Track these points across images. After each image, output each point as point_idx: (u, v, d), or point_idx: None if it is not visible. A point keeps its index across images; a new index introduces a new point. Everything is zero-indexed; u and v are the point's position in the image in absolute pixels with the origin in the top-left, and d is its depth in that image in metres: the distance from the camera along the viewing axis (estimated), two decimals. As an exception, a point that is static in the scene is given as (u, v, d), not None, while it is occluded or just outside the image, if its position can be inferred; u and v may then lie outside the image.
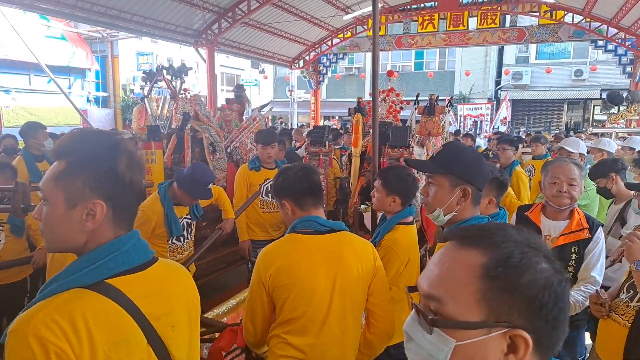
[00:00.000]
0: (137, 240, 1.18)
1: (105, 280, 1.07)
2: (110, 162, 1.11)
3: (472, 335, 0.72)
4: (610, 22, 13.04)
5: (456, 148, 1.90)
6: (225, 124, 6.19)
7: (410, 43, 16.08)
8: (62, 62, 15.52)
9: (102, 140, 1.14)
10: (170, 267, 1.29)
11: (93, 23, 11.58)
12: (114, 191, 1.12)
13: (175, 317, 1.21)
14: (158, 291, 1.17)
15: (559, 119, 23.37)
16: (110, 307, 1.05)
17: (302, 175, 1.94)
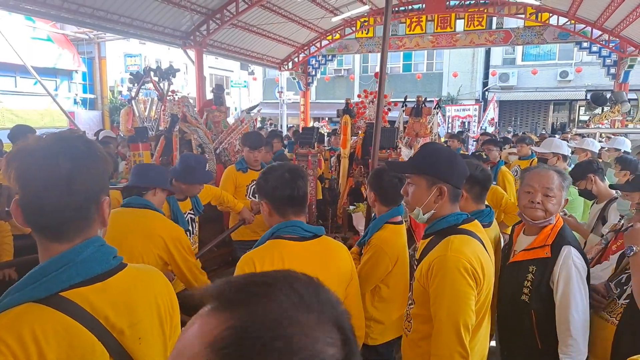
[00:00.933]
0: (98, 248, 1.10)
1: (59, 293, 1.01)
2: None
3: None
4: (595, 24, 13.24)
5: (431, 149, 1.95)
6: (214, 126, 6.19)
7: (399, 45, 16.17)
8: (48, 64, 15.36)
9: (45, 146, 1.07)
10: (139, 273, 1.21)
11: (80, 24, 11.48)
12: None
13: (142, 329, 1.14)
14: (121, 302, 1.11)
15: (545, 120, 23.65)
16: (63, 321, 0.99)
17: (285, 180, 1.82)
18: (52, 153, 1.04)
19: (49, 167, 1.03)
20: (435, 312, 1.74)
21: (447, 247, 1.75)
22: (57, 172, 1.03)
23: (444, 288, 1.71)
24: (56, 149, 1.05)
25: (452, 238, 1.78)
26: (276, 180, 1.82)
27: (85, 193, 1.08)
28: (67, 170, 1.04)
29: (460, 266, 1.69)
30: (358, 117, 4.95)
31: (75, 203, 1.07)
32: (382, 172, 2.55)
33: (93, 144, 1.13)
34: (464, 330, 1.68)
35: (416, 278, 1.89)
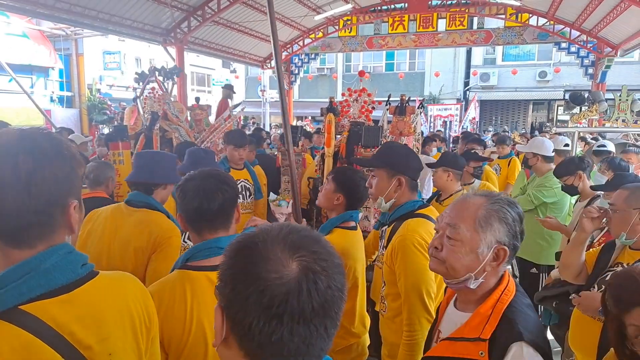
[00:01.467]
0: (63, 256, 1.01)
1: (18, 307, 0.93)
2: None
3: None
4: (573, 25, 13.46)
5: (391, 145, 2.34)
6: (196, 124, 6.10)
7: (381, 44, 16.21)
8: (23, 61, 14.95)
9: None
10: (111, 282, 1.12)
11: (56, 20, 11.20)
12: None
13: (113, 344, 1.06)
14: (89, 315, 1.02)
15: (525, 119, 24.03)
16: (22, 337, 0.91)
17: (197, 190, 1.55)
18: (10, 151, 0.95)
19: (7, 166, 0.94)
20: (401, 286, 1.99)
21: (405, 229, 2.04)
22: (15, 172, 0.94)
23: (405, 264, 1.97)
24: (16, 146, 0.96)
25: (409, 221, 2.06)
26: (188, 189, 1.57)
27: (47, 196, 0.97)
28: (27, 170, 0.95)
29: (415, 242, 1.96)
30: (342, 116, 4.92)
31: (35, 206, 0.96)
32: (353, 172, 2.50)
33: (60, 141, 1.03)
34: (427, 298, 1.94)
35: (384, 261, 2.14)
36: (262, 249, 0.80)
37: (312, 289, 0.77)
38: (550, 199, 3.97)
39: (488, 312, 1.29)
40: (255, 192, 4.48)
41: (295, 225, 0.88)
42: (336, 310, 0.81)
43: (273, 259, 0.78)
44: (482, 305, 1.31)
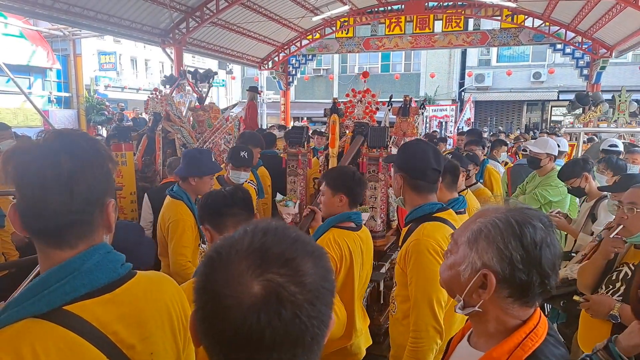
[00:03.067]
0: (104, 256, 1.01)
1: (62, 307, 0.93)
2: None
3: None
4: (569, 26, 13.58)
5: (405, 146, 2.29)
6: (198, 125, 6.10)
7: (378, 45, 16.26)
8: (21, 61, 14.88)
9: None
10: (149, 282, 1.12)
11: (54, 21, 11.17)
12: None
13: (154, 343, 1.05)
14: (131, 314, 1.02)
15: (519, 120, 24.19)
16: (67, 337, 0.91)
17: (230, 201, 1.89)
18: (52, 151, 0.95)
19: (49, 166, 0.94)
20: (412, 291, 1.94)
21: (420, 232, 1.97)
22: (57, 172, 0.94)
23: (417, 268, 1.92)
24: (57, 146, 0.96)
25: (425, 224, 2.00)
26: (222, 200, 1.95)
27: (88, 195, 0.98)
28: (69, 169, 0.95)
29: (430, 248, 1.90)
30: (346, 117, 4.94)
31: (76, 206, 0.96)
32: (341, 168, 2.57)
33: (97, 141, 1.04)
34: (437, 306, 1.88)
35: (397, 262, 2.09)
36: (225, 262, 0.71)
37: (274, 319, 0.66)
38: (556, 198, 4.03)
39: (502, 358, 1.04)
40: (258, 192, 4.52)
41: (279, 233, 0.75)
42: (311, 339, 0.70)
43: (233, 277, 0.69)
44: (496, 348, 1.05)
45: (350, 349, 2.42)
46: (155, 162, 5.51)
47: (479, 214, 1.13)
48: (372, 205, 4.11)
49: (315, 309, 0.70)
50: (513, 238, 1.01)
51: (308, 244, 0.75)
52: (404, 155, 2.15)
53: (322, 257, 0.75)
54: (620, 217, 2.12)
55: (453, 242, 1.16)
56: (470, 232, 1.09)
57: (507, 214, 1.06)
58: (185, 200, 2.93)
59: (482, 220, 1.08)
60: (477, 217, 1.12)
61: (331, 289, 0.75)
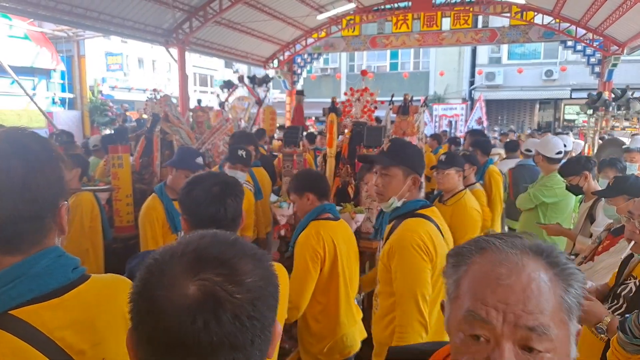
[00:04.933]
0: (54, 260, 0.98)
1: (8, 312, 0.90)
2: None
3: None
4: (579, 23, 13.34)
5: (403, 143, 2.23)
6: (197, 126, 6.05)
7: (385, 43, 16.12)
8: (25, 63, 14.96)
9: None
10: (104, 286, 1.08)
11: (58, 22, 11.18)
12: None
13: (106, 349, 1.02)
14: (81, 319, 0.99)
15: (531, 119, 23.87)
16: (12, 343, 0.88)
17: (213, 196, 1.53)
18: (3, 156, 0.92)
19: (0, 172, 0.91)
20: (397, 286, 1.96)
21: (403, 228, 2.00)
22: (9, 178, 0.91)
23: (402, 264, 1.93)
24: (7, 150, 0.92)
25: (409, 220, 2.02)
26: (203, 194, 1.54)
27: (41, 200, 0.95)
28: (22, 175, 0.92)
29: (414, 243, 1.92)
30: (344, 116, 4.85)
31: (30, 212, 0.94)
32: (302, 171, 2.70)
33: (48, 142, 1.00)
34: (421, 300, 1.90)
35: (380, 258, 2.11)
36: (161, 267, 0.68)
37: (210, 321, 0.63)
38: (550, 199, 3.92)
39: None
40: (256, 192, 4.44)
41: (217, 236, 0.72)
42: (251, 342, 0.66)
43: (168, 280, 0.65)
44: None
45: (344, 341, 2.45)
46: (152, 163, 5.44)
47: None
48: (368, 207, 4.00)
49: (256, 310, 0.66)
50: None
51: (248, 247, 0.73)
52: (415, 156, 2.13)
53: (263, 259, 0.73)
54: (631, 231, 1.91)
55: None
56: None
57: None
58: (158, 193, 3.06)
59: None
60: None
61: (274, 294, 0.72)
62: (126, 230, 4.23)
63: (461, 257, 0.78)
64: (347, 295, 2.46)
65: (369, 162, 2.55)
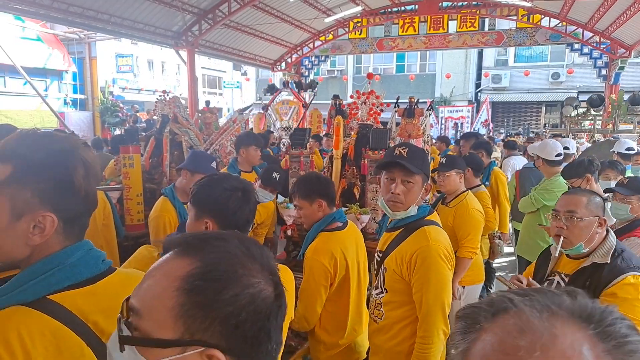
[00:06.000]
0: (87, 252, 1.08)
1: (47, 297, 0.99)
2: (65, 172, 1.01)
3: (165, 354, 0.65)
4: (586, 26, 13.33)
5: (419, 149, 2.14)
6: (205, 127, 6.14)
7: (392, 46, 16.18)
8: (38, 64, 15.21)
9: (56, 146, 1.02)
10: (128, 277, 1.17)
11: (69, 24, 11.39)
12: (67, 203, 1.02)
13: None
14: (110, 306, 1.04)
15: (538, 121, 23.79)
16: (51, 325, 0.96)
17: (252, 203, 1.62)
18: (70, 158, 1.05)
19: (70, 174, 1.03)
20: (422, 297, 1.91)
21: (427, 238, 1.93)
22: (77, 181, 1.04)
23: (429, 275, 1.89)
24: (74, 155, 1.06)
25: (427, 229, 1.96)
26: (234, 199, 1.59)
27: (93, 200, 1.09)
28: (83, 178, 1.05)
29: (441, 253, 1.90)
30: (350, 118, 4.91)
31: (89, 210, 1.09)
32: (311, 175, 2.51)
33: (89, 150, 1.13)
34: (447, 310, 1.92)
35: (390, 268, 2.02)
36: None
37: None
38: (551, 202, 3.95)
39: None
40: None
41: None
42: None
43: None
44: None
45: (352, 348, 2.45)
46: (162, 163, 5.55)
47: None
48: (373, 208, 4.07)
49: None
50: None
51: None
52: (428, 161, 2.08)
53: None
54: (558, 227, 1.96)
55: None
56: None
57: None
58: (169, 197, 3.02)
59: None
60: None
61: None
62: (137, 229, 4.32)
63: (471, 321, 0.59)
64: (357, 304, 2.42)
65: (405, 166, 2.41)
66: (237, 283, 0.67)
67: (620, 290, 1.76)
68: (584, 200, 1.95)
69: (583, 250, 1.92)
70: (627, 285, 1.75)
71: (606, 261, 1.84)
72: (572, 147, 5.18)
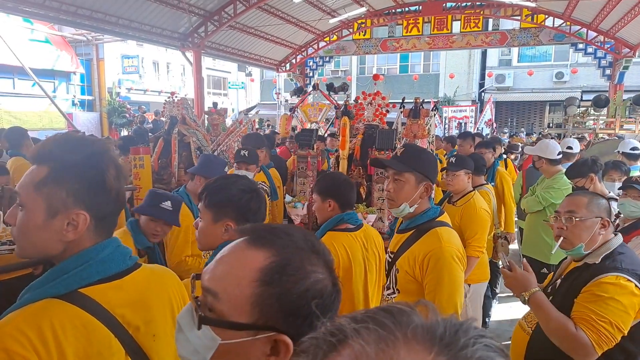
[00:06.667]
0: (115, 248, 1.14)
1: (78, 290, 1.04)
2: (98, 172, 1.07)
3: (238, 336, 0.73)
4: (590, 26, 13.33)
5: (418, 149, 2.20)
6: (213, 128, 6.21)
7: (395, 46, 16.23)
8: (46, 66, 15.34)
9: (89, 148, 1.09)
10: (153, 273, 1.25)
11: (78, 26, 11.49)
12: (99, 202, 1.08)
13: (156, 326, 1.17)
14: (137, 300, 1.14)
15: (541, 121, 23.74)
16: (82, 317, 1.02)
17: (260, 200, 1.66)
18: (102, 162, 1.12)
19: (105, 176, 1.10)
20: (435, 298, 1.91)
21: (440, 239, 1.94)
22: (109, 182, 1.11)
23: (442, 276, 1.90)
24: (106, 157, 1.14)
25: (439, 230, 1.97)
26: (254, 201, 1.64)
27: (122, 200, 1.17)
28: (115, 179, 1.12)
29: (454, 255, 1.92)
30: (357, 119, 4.98)
31: (118, 210, 1.16)
32: (332, 175, 2.52)
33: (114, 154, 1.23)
34: (459, 310, 1.94)
35: (402, 269, 2.03)
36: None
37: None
38: (558, 200, 3.99)
39: None
40: (272, 193, 4.53)
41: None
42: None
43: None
44: None
45: None
46: (171, 164, 5.63)
47: None
48: (379, 207, 4.15)
49: None
50: None
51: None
52: (429, 163, 2.08)
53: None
54: (559, 229, 1.96)
55: None
56: None
57: None
58: (185, 201, 2.99)
59: None
60: None
61: None
62: (147, 228, 4.41)
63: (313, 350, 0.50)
64: (362, 305, 2.39)
65: (382, 166, 2.47)
66: (307, 278, 0.74)
67: (597, 288, 1.74)
68: (585, 200, 1.93)
69: (583, 251, 1.90)
70: (605, 284, 1.73)
71: (596, 262, 1.83)
72: (576, 147, 5.21)
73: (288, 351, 0.73)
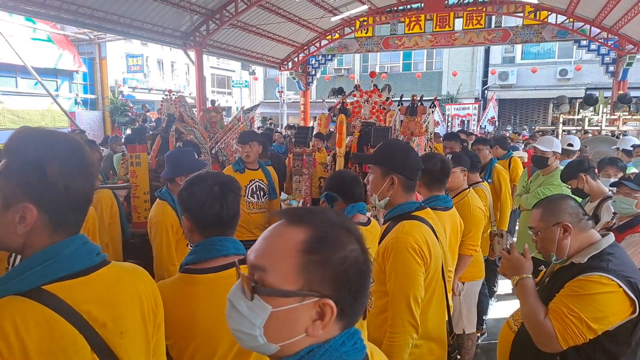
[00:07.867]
0: (81, 245, 1.13)
1: (42, 287, 1.04)
2: (41, 166, 1.05)
3: (288, 303, 0.81)
4: (593, 22, 13.23)
5: (389, 143, 2.27)
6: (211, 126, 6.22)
7: (398, 44, 16.19)
8: (48, 65, 15.41)
9: (42, 142, 1.08)
10: (122, 270, 1.23)
11: (79, 25, 11.54)
12: (47, 196, 1.06)
13: (123, 324, 1.16)
14: (104, 296, 1.12)
15: (545, 118, 23.64)
16: (45, 314, 1.01)
17: (215, 196, 1.60)
18: (78, 157, 1.12)
19: (77, 167, 1.10)
20: (390, 287, 1.97)
21: (399, 230, 1.99)
22: (81, 175, 1.11)
23: (396, 266, 1.95)
24: (81, 150, 1.13)
25: (404, 222, 2.01)
26: (203, 196, 1.60)
27: (91, 195, 1.16)
28: (87, 174, 1.12)
29: (409, 246, 1.93)
30: (353, 117, 4.97)
31: (87, 204, 1.14)
32: (339, 174, 2.64)
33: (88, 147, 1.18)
34: (413, 303, 1.92)
35: (375, 259, 2.07)
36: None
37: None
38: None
39: None
40: (270, 192, 4.47)
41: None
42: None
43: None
44: None
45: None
46: (169, 162, 5.62)
47: None
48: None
49: None
50: None
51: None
52: (397, 156, 2.09)
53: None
54: (533, 241, 2.01)
55: None
56: None
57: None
58: (169, 201, 2.94)
59: None
60: None
61: None
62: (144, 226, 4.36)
63: None
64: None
65: (358, 160, 2.57)
66: (344, 248, 0.82)
67: (577, 284, 1.75)
68: (539, 213, 1.96)
69: (554, 260, 1.91)
70: (586, 281, 1.73)
71: (581, 261, 1.82)
72: (577, 144, 5.18)
73: (332, 314, 0.81)
